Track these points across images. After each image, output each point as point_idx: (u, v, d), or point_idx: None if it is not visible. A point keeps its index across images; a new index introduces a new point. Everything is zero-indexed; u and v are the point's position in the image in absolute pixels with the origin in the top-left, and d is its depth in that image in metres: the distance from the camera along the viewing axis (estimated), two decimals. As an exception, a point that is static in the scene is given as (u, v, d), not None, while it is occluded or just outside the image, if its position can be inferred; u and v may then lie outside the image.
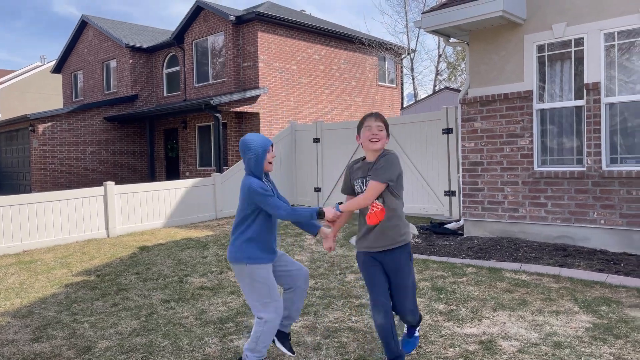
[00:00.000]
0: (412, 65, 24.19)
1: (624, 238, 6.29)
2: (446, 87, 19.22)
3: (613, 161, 6.48)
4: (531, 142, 7.02)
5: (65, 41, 22.54)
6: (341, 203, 3.24)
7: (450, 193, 9.90)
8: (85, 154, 18.43)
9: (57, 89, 28.32)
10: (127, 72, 19.70)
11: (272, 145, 3.41)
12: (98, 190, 9.44)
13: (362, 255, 3.31)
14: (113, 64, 20.58)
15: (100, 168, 18.81)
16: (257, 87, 15.99)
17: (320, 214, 3.19)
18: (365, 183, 3.21)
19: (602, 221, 6.45)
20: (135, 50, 19.63)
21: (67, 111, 18.06)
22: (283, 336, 3.58)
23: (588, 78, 6.52)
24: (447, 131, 9.90)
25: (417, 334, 3.59)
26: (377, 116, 3.26)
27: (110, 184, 9.53)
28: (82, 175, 18.31)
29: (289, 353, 3.53)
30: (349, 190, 3.38)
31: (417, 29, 22.78)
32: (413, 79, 24.47)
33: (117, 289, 5.73)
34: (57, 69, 23.65)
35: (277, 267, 3.50)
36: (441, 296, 4.90)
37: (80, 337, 4.27)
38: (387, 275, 3.26)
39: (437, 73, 26.55)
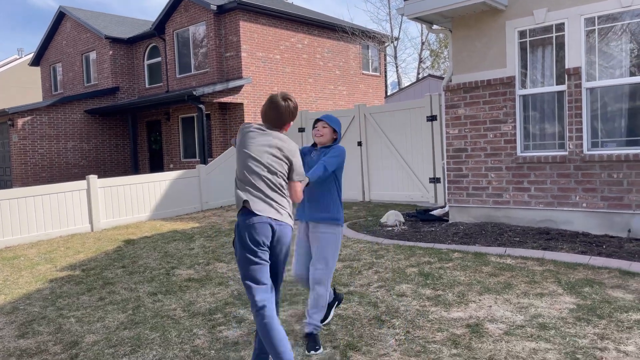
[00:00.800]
0: (395, 53, 24.18)
1: (606, 220, 6.40)
2: (430, 75, 19.23)
3: (594, 145, 6.56)
4: (514, 127, 7.08)
5: (43, 33, 22.02)
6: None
7: (435, 180, 9.97)
8: (66, 148, 18.15)
9: (36, 82, 27.79)
10: (107, 64, 19.38)
11: (318, 121, 3.85)
12: (81, 184, 9.32)
13: None
14: (93, 55, 20.22)
15: (83, 162, 18.55)
16: (240, 77, 15.85)
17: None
18: None
19: (584, 204, 6.55)
20: (115, 41, 19.29)
21: (46, 104, 17.73)
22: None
23: (569, 63, 6.58)
24: (431, 118, 9.93)
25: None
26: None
27: (93, 178, 9.41)
28: (64, 170, 18.04)
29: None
30: None
31: (400, 16, 22.72)
32: (397, 67, 24.47)
33: (103, 283, 5.68)
34: (36, 62, 23.17)
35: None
36: (428, 282, 4.95)
37: (67, 332, 4.23)
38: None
39: (421, 61, 26.59)
